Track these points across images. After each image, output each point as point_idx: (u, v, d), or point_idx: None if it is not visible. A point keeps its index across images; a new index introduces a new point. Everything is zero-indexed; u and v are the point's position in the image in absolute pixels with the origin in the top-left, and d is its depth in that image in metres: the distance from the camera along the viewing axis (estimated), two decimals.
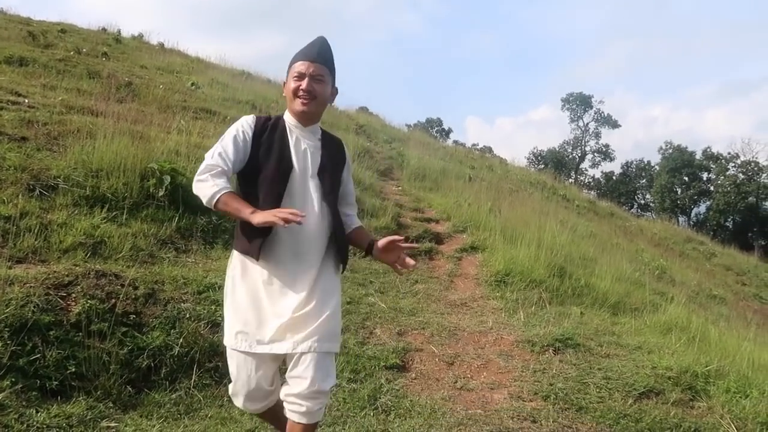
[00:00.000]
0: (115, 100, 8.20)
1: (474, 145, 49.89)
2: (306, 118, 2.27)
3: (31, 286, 3.49)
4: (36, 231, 4.26)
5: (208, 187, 2.14)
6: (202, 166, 2.18)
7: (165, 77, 12.42)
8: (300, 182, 2.22)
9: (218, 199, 2.12)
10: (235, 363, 2.32)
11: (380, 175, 10.17)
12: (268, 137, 2.24)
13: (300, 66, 2.23)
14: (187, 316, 3.86)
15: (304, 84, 2.21)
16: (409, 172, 11.09)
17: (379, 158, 11.77)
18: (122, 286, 3.83)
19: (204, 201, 2.16)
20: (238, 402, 2.39)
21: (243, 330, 2.25)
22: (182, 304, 3.95)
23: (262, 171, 2.20)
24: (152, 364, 3.47)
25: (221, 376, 3.62)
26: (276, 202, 2.15)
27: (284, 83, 2.31)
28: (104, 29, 17.73)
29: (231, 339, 2.29)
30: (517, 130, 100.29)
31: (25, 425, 2.68)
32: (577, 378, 3.88)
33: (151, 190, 5.34)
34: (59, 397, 3.05)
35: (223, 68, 17.64)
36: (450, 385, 3.73)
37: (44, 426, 2.73)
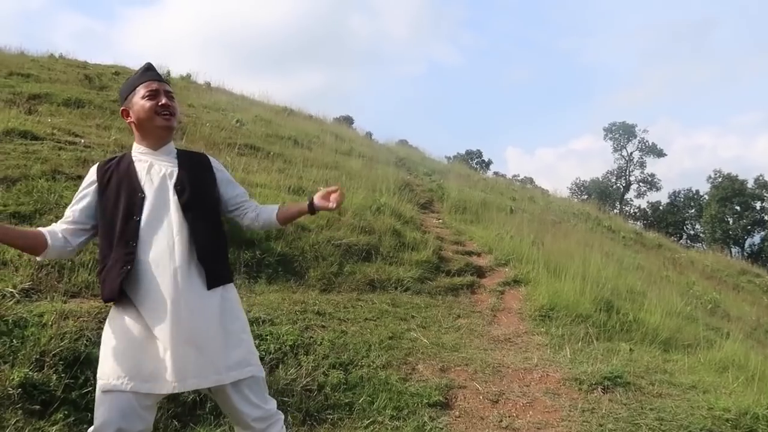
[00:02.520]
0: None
1: (515, 176, 49.56)
2: (167, 135, 2.26)
3: (84, 320, 3.60)
4: (89, 266, 4.41)
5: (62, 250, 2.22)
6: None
7: (211, 115, 12.84)
8: (157, 207, 2.14)
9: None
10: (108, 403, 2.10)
11: (421, 208, 10.18)
12: (115, 174, 2.19)
13: (151, 84, 2.21)
14: None
15: (163, 99, 2.20)
16: (449, 205, 11.06)
17: (419, 191, 11.80)
18: None
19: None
20: None
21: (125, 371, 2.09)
22: None
23: (115, 209, 2.14)
24: (197, 399, 3.51)
25: None
26: (135, 235, 2.09)
27: (125, 110, 2.25)
28: None
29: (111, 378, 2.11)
30: (559, 161, 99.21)
31: None
32: (628, 419, 3.73)
33: None
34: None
35: (266, 105, 18.14)
36: (495, 424, 3.64)
37: None
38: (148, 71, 2.27)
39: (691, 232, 51.37)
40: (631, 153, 54.36)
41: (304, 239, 6.20)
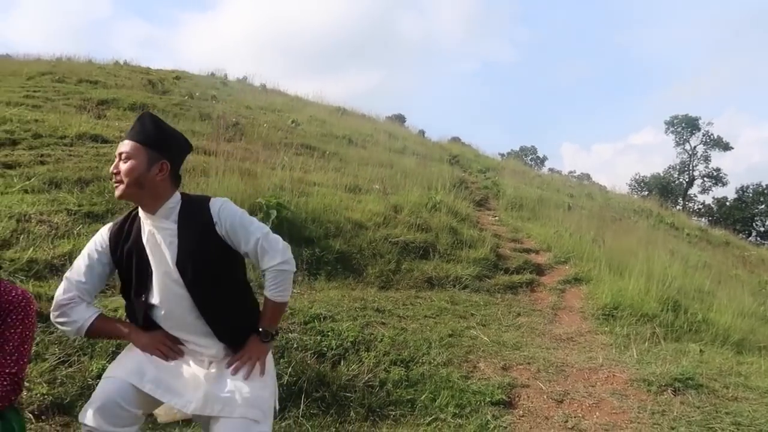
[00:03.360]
0: (225, 140, 8.76)
1: (571, 172, 48.27)
2: (138, 204, 2.08)
3: None
4: None
5: (68, 327, 2.08)
6: (54, 302, 2.08)
7: (268, 116, 13.12)
8: (161, 280, 2.05)
9: (87, 332, 2.10)
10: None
11: (476, 206, 10.08)
12: (125, 243, 2.10)
13: (118, 148, 2.06)
14: (295, 345, 3.97)
15: (114, 165, 2.03)
16: (505, 202, 10.91)
17: (473, 188, 11.69)
18: None
19: (71, 337, 2.16)
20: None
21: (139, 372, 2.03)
22: (290, 334, 4.08)
23: (127, 281, 2.12)
24: None
25: (327, 406, 3.69)
26: (146, 309, 2.09)
27: None
28: (213, 74, 19.11)
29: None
30: (617, 156, 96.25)
31: None
32: (702, 422, 3.58)
33: None
34: (179, 423, 3.22)
35: (320, 105, 18.39)
36: (560, 424, 3.56)
37: None
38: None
39: (761, 229, 48.79)
40: (695, 147, 52.09)
41: (362, 237, 6.24)
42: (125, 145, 2.00)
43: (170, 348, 2.07)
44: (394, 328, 4.55)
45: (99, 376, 3.16)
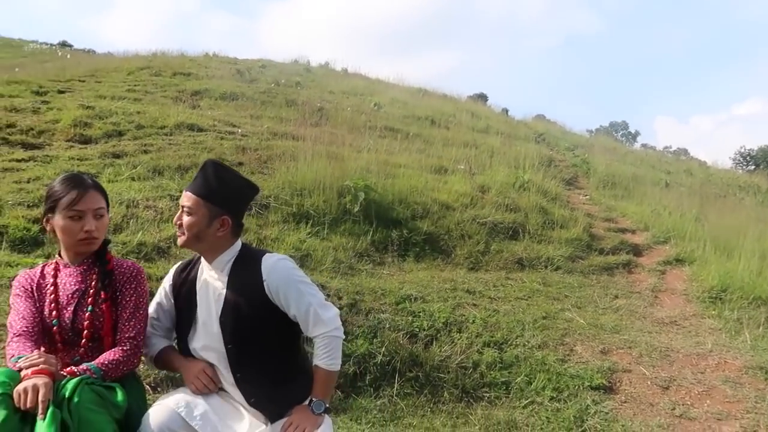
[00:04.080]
0: (311, 125, 8.93)
1: (666, 147, 45.58)
2: (197, 251, 2.05)
3: None
4: (255, 244, 4.74)
5: (145, 356, 2.10)
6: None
7: (350, 100, 13.25)
8: (205, 331, 2.02)
9: (155, 362, 2.12)
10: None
11: (565, 185, 9.71)
12: (183, 286, 2.10)
13: (181, 198, 2.03)
14: (387, 326, 4.00)
15: (176, 217, 2.02)
16: (596, 180, 10.44)
17: (562, 167, 11.27)
18: (328, 296, 4.10)
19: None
20: None
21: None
22: (382, 315, 4.11)
23: (179, 323, 2.12)
24: (357, 371, 3.65)
25: (421, 386, 3.70)
26: (192, 355, 2.06)
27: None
28: (296, 61, 19.52)
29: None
30: (718, 128, 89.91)
31: None
32: None
33: (347, 206, 5.68)
34: None
35: (401, 87, 18.35)
36: (667, 411, 3.38)
37: None
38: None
39: None
40: None
41: (449, 218, 6.18)
42: (188, 199, 1.95)
43: (210, 379, 1.99)
44: (486, 309, 4.49)
45: None
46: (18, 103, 7.83)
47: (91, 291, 1.92)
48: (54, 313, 1.90)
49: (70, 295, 1.92)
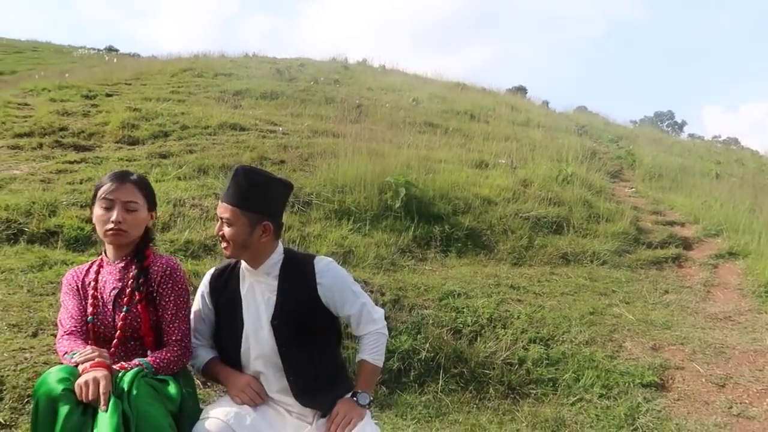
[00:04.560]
0: (350, 122, 8.96)
1: (715, 137, 43.95)
2: (243, 260, 2.02)
3: None
4: (297, 242, 4.80)
5: (193, 366, 2.10)
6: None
7: (388, 96, 13.24)
8: (254, 338, 2.00)
9: (203, 373, 2.10)
10: None
11: (610, 177, 9.48)
12: (223, 293, 2.08)
13: (218, 209, 2.01)
14: (431, 322, 3.99)
15: (216, 228, 2.00)
16: (642, 172, 10.15)
17: (606, 159, 11.00)
18: (371, 292, 4.11)
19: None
20: None
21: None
22: (425, 311, 4.10)
23: (220, 331, 2.09)
24: (402, 367, 3.65)
25: (466, 382, 3.67)
26: (237, 363, 2.04)
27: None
28: (334, 59, 19.60)
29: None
30: None
31: None
32: None
33: (388, 202, 5.68)
34: None
35: (439, 82, 18.21)
36: (723, 410, 3.26)
37: None
38: (227, 186, 2.05)
39: None
40: None
41: (491, 213, 6.11)
42: (225, 210, 1.94)
43: (256, 393, 1.98)
44: (531, 305, 4.42)
45: None
46: (69, 107, 8.11)
47: (128, 291, 1.91)
48: (91, 309, 1.91)
49: (108, 294, 1.93)
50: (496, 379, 3.66)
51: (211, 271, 2.15)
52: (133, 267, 1.94)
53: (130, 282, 1.92)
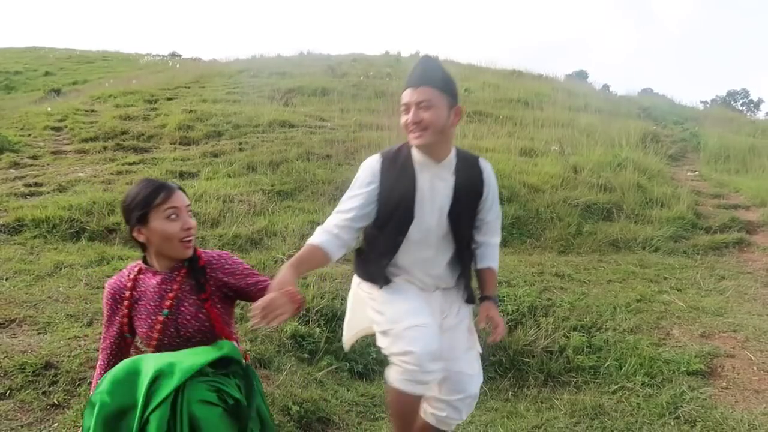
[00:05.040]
0: (398, 115, 9.00)
1: None
2: (429, 152, 1.99)
3: (339, 282, 4.03)
4: None
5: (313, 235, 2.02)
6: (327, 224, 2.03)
7: None
8: (425, 225, 2.03)
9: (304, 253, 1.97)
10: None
11: (671, 160, 9.10)
12: (393, 177, 2.02)
13: (404, 96, 1.97)
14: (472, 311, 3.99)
15: (410, 116, 1.94)
16: (707, 155, 9.69)
17: (667, 142, 10.56)
18: None
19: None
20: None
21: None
22: None
23: (385, 215, 2.03)
24: None
25: (505, 370, 3.67)
26: (395, 248, 2.05)
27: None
28: (387, 53, 19.69)
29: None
30: None
31: (339, 400, 3.09)
32: None
33: None
34: (364, 379, 3.44)
35: (493, 71, 17.97)
36: None
37: (353, 403, 3.11)
38: (411, 73, 2.05)
39: None
40: None
41: (539, 200, 6.02)
42: (424, 93, 1.91)
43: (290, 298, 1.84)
44: (575, 293, 4.34)
45: (293, 336, 3.50)
46: (131, 111, 8.58)
47: (186, 295, 1.81)
48: (126, 327, 1.82)
49: (158, 302, 1.80)
50: (536, 367, 3.64)
51: (376, 157, 2.07)
52: (183, 270, 1.82)
53: (182, 287, 1.81)
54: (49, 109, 9.20)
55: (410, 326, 1.94)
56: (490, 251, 2.22)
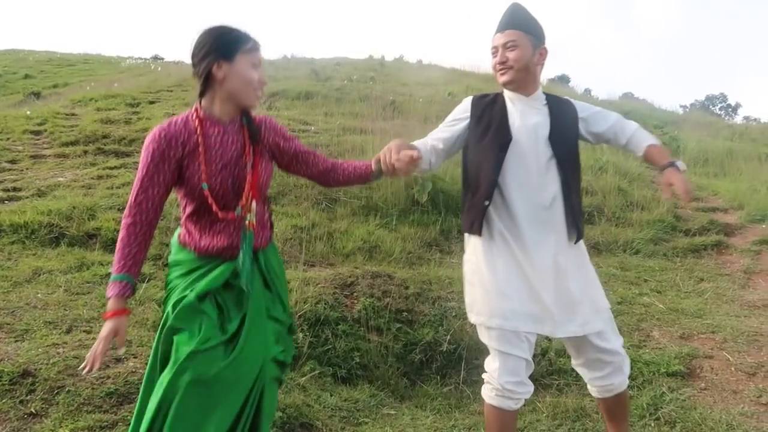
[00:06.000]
0: (382, 118, 9.03)
1: None
2: (516, 88, 2.15)
3: (322, 287, 4.02)
4: (324, 238, 4.90)
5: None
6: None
7: (424, 91, 13.22)
8: (521, 153, 2.11)
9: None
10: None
11: (650, 164, 9.21)
12: (487, 113, 2.18)
13: (493, 40, 2.17)
14: (453, 314, 4.01)
15: (497, 57, 2.14)
16: (686, 158, 9.82)
17: None
18: (396, 285, 4.17)
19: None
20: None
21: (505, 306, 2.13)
22: (448, 303, 4.12)
23: (480, 146, 2.15)
24: (424, 359, 3.69)
25: None
26: (494, 174, 2.10)
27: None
28: (371, 56, 19.74)
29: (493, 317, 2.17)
30: None
31: (322, 406, 3.08)
32: None
33: (415, 197, 5.72)
34: (347, 384, 3.44)
35: (477, 75, 18.05)
36: (752, 399, 3.16)
37: (336, 408, 3.10)
38: (499, 20, 2.20)
39: None
40: None
41: None
42: (507, 35, 2.10)
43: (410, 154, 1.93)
44: None
45: None
46: (113, 115, 8.48)
47: (247, 149, 1.81)
48: (203, 176, 1.74)
49: (227, 155, 1.78)
50: None
51: (470, 99, 2.28)
52: (240, 125, 1.83)
53: (247, 142, 1.82)
54: (28, 112, 9.07)
55: (508, 341, 2.13)
56: (638, 135, 2.22)
